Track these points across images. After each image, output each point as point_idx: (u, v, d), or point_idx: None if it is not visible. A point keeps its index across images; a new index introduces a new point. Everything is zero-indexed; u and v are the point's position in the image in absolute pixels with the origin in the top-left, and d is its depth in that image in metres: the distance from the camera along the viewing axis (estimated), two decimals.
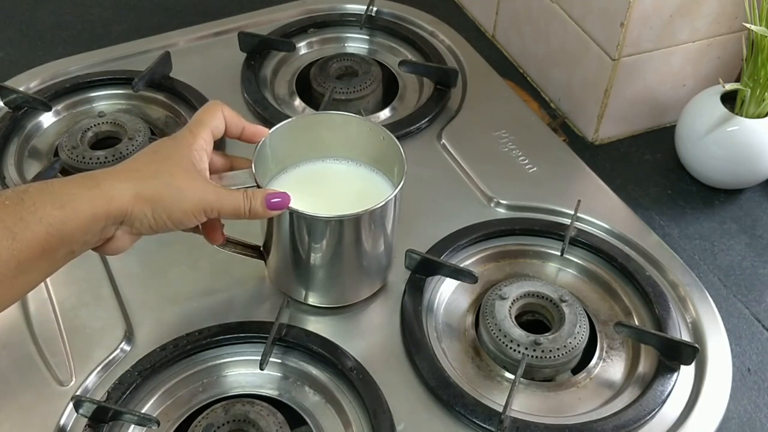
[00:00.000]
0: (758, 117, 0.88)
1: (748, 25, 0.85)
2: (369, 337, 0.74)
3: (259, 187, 0.67)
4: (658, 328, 0.73)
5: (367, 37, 1.07)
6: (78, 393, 0.67)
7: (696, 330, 0.75)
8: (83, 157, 0.86)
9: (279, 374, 0.71)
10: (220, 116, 0.66)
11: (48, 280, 0.76)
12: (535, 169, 0.89)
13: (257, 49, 1.00)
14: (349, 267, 0.73)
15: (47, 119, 0.94)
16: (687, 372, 0.71)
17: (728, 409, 0.69)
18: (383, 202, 0.68)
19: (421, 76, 1.00)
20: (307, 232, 0.69)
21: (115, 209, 0.57)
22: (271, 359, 0.70)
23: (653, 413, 0.68)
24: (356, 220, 0.68)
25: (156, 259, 0.79)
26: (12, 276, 0.53)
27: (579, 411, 0.69)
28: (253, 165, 0.68)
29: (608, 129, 0.98)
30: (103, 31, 1.11)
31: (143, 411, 0.67)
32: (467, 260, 0.80)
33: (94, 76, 0.97)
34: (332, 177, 0.75)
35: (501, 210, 0.85)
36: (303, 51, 1.05)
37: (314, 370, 0.70)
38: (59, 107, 0.95)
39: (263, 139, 0.69)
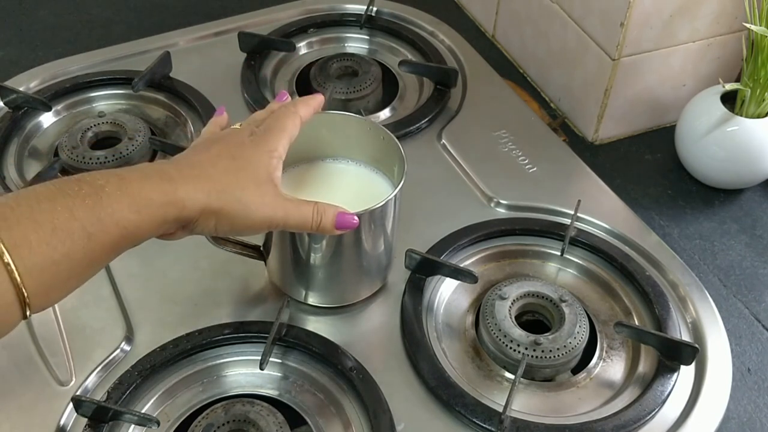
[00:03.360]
0: (758, 117, 0.88)
1: (748, 25, 0.85)
2: (369, 337, 0.74)
3: None
4: (658, 328, 0.73)
5: (367, 37, 1.07)
6: (78, 393, 0.67)
7: (696, 330, 0.75)
8: (83, 157, 0.86)
9: (279, 374, 0.71)
10: (299, 126, 0.66)
11: None
12: (535, 169, 0.89)
13: (257, 49, 1.00)
14: (349, 267, 0.73)
15: (47, 119, 0.94)
16: (687, 372, 0.71)
17: (728, 409, 0.69)
18: (383, 202, 0.68)
19: (421, 76, 1.00)
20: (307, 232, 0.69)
21: (184, 216, 0.58)
22: (271, 359, 0.70)
23: (653, 413, 0.68)
24: None
25: (156, 259, 0.79)
26: (82, 272, 0.54)
27: (579, 411, 0.69)
28: None
29: (608, 129, 0.98)
30: (103, 31, 1.11)
31: (143, 411, 0.67)
32: (467, 260, 0.80)
33: (94, 76, 0.97)
34: (332, 177, 0.75)
35: (501, 210, 0.85)
36: (303, 51, 1.05)
37: (314, 370, 0.70)
38: (59, 107, 0.95)
39: None
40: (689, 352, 0.70)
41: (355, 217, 0.64)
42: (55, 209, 0.51)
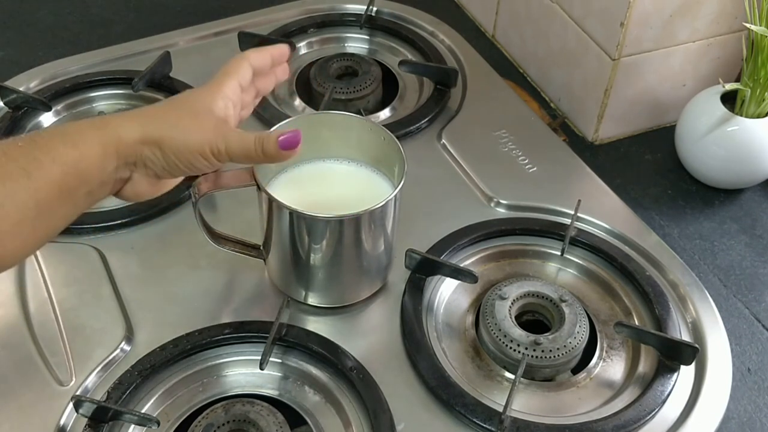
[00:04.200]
0: (758, 117, 0.88)
1: (748, 25, 0.85)
2: (369, 337, 0.74)
3: (258, 187, 0.67)
4: (658, 328, 0.73)
5: (367, 37, 1.07)
6: (78, 393, 0.67)
7: (696, 330, 0.75)
8: None
9: (279, 374, 0.71)
10: (246, 67, 0.65)
11: (48, 279, 0.76)
12: (535, 169, 0.89)
13: None
14: (349, 267, 0.73)
15: (47, 119, 0.94)
16: (687, 372, 0.71)
17: (728, 409, 0.69)
18: (383, 202, 0.68)
19: (421, 76, 1.00)
20: (307, 232, 0.69)
21: (124, 148, 0.57)
22: (271, 359, 0.70)
23: (653, 413, 0.68)
24: (356, 220, 0.68)
25: (156, 259, 0.79)
26: (32, 217, 0.53)
27: (579, 411, 0.69)
28: (253, 165, 0.68)
29: (608, 129, 0.98)
30: (103, 31, 1.11)
31: (143, 411, 0.67)
32: (467, 260, 0.80)
33: (94, 76, 0.97)
34: (332, 177, 0.75)
35: (501, 210, 0.85)
36: (303, 51, 1.05)
37: (314, 370, 0.70)
38: (59, 107, 0.95)
39: None
40: (689, 352, 0.70)
41: (298, 132, 0.62)
42: None
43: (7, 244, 0.52)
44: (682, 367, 0.71)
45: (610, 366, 0.73)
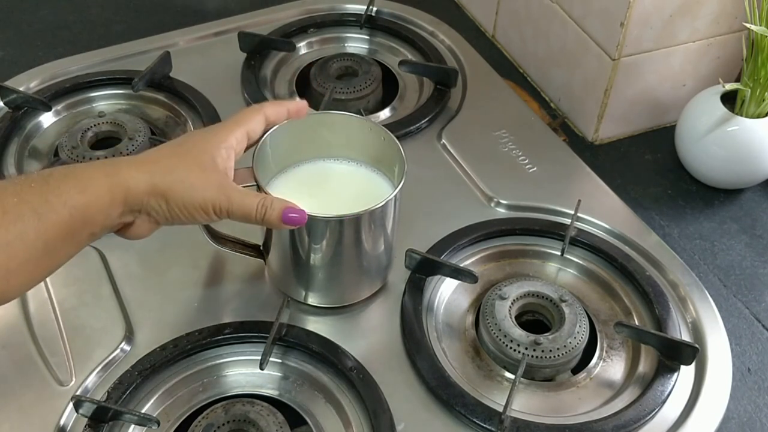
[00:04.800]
0: (758, 117, 0.88)
1: (748, 25, 0.85)
2: (369, 337, 0.74)
3: (258, 187, 0.67)
4: (658, 328, 0.73)
5: (367, 37, 1.07)
6: (78, 393, 0.67)
7: (696, 330, 0.75)
8: (83, 157, 0.86)
9: (279, 374, 0.71)
10: (260, 120, 0.67)
11: (48, 279, 0.76)
12: (535, 169, 0.89)
13: (257, 49, 1.01)
14: (349, 267, 0.73)
15: (47, 119, 0.94)
16: (687, 372, 0.71)
17: (728, 409, 0.69)
18: (383, 202, 0.68)
19: (421, 76, 1.00)
20: (307, 232, 0.69)
21: (131, 198, 0.59)
22: (271, 359, 0.70)
23: (653, 413, 0.68)
24: (356, 220, 0.68)
25: (156, 259, 0.79)
26: (39, 256, 0.55)
27: (579, 411, 0.69)
28: (253, 165, 0.68)
29: (608, 129, 0.98)
30: (103, 31, 1.11)
31: (143, 411, 0.67)
32: (467, 260, 0.80)
33: (94, 76, 0.97)
34: (332, 177, 0.75)
35: (501, 210, 0.85)
36: (303, 51, 1.05)
37: (314, 370, 0.70)
38: (59, 107, 0.95)
39: (263, 138, 0.69)
40: (689, 352, 0.70)
41: (305, 213, 0.64)
42: (4, 197, 0.54)
43: (12, 281, 0.54)
44: (682, 367, 0.71)
45: (610, 366, 0.73)
